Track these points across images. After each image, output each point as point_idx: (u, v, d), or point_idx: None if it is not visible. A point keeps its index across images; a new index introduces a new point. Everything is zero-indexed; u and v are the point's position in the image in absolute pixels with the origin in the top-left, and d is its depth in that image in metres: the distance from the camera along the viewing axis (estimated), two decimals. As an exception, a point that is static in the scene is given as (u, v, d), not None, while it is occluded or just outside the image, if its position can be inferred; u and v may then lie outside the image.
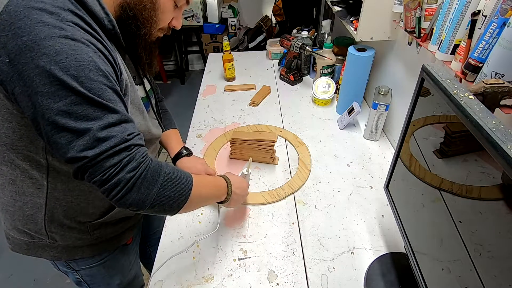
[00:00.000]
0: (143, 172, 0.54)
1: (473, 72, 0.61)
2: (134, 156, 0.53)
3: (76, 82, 0.48)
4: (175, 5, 0.68)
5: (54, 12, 0.49)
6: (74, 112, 0.49)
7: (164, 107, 0.99)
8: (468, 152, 0.46)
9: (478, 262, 0.44)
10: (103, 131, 0.51)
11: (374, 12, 0.97)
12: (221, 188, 0.73)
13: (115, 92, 0.54)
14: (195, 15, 2.91)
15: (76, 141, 0.50)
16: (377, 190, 0.96)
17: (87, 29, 0.53)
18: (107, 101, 0.52)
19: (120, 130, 0.53)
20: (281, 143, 1.15)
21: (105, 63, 0.54)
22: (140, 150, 0.55)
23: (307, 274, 0.75)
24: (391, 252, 0.79)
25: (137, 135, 0.56)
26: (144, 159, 0.55)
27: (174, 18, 0.71)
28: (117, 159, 0.51)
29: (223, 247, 0.81)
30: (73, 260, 0.79)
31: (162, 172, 0.57)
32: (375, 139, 1.15)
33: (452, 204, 0.51)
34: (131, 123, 0.56)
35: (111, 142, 0.51)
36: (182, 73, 3.39)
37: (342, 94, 1.26)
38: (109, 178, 0.51)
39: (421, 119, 0.61)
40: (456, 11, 0.66)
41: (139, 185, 0.53)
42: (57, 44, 0.47)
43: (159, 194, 0.56)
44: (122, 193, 0.52)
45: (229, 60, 1.48)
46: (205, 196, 0.68)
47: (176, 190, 0.59)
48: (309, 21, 2.34)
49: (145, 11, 0.62)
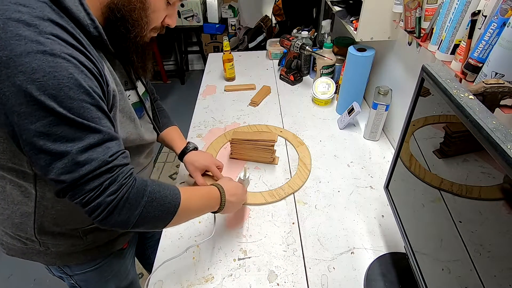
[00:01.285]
0: (125, 194, 0.52)
1: (473, 72, 0.61)
2: (116, 178, 0.52)
3: (55, 102, 0.46)
4: (167, 2, 0.64)
5: (32, 23, 0.46)
6: (53, 133, 0.47)
7: (160, 105, 0.98)
8: (468, 152, 0.46)
9: (478, 262, 0.44)
10: (83, 154, 0.49)
11: (374, 12, 0.97)
12: (213, 199, 0.72)
13: (98, 108, 0.52)
14: (195, 15, 2.91)
15: (55, 164, 0.48)
16: (377, 190, 0.96)
17: (68, 41, 0.49)
18: (88, 121, 0.50)
19: (102, 151, 0.51)
20: (281, 143, 1.15)
21: (88, 78, 0.51)
22: (124, 170, 0.54)
23: (307, 274, 0.75)
24: (391, 252, 0.79)
25: (121, 154, 0.54)
26: (127, 180, 0.53)
27: (167, 16, 0.67)
28: (97, 182, 0.50)
29: (223, 247, 0.81)
30: (67, 266, 0.78)
31: (146, 192, 0.56)
32: (375, 139, 1.15)
33: (452, 204, 0.51)
34: (115, 141, 0.54)
35: (91, 165, 0.49)
36: (182, 73, 3.39)
37: (342, 94, 1.26)
38: (89, 201, 0.50)
39: (421, 119, 0.61)
40: (456, 11, 0.66)
41: (121, 207, 0.52)
42: (34, 61, 0.45)
43: (142, 215, 0.55)
44: (103, 216, 0.51)
45: (229, 60, 1.48)
46: (196, 210, 0.67)
47: (161, 210, 0.57)
48: (309, 21, 2.34)
49: (135, 12, 0.58)
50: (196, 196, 0.68)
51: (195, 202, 0.66)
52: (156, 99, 0.96)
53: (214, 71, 1.65)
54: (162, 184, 0.61)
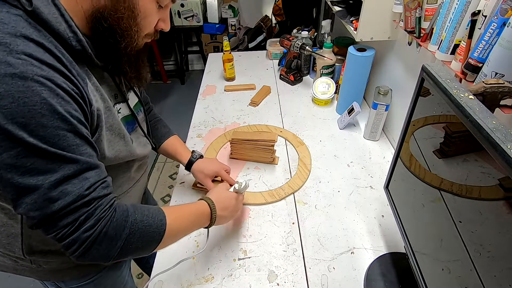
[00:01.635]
0: (103, 229, 0.49)
1: (473, 72, 0.61)
2: (93, 212, 0.48)
3: (24, 131, 0.42)
4: (158, 6, 0.59)
5: (1, 42, 0.41)
6: (21, 165, 0.43)
7: (156, 115, 0.94)
8: (468, 152, 0.46)
9: (478, 262, 0.44)
10: (56, 189, 0.45)
11: (374, 12, 0.97)
12: (202, 217, 0.68)
13: (76, 134, 0.48)
14: (195, 15, 2.91)
15: (23, 199, 0.44)
16: (377, 190, 0.96)
17: (44, 60, 0.44)
18: (63, 150, 0.45)
19: (78, 184, 0.47)
20: (281, 143, 1.15)
21: (65, 101, 0.46)
22: (103, 202, 0.50)
23: (307, 274, 0.75)
24: (391, 252, 0.79)
25: (101, 184, 0.50)
26: (106, 213, 0.50)
27: (160, 20, 0.62)
28: (72, 217, 0.46)
29: (223, 247, 0.81)
30: (61, 281, 0.77)
31: (128, 224, 0.52)
32: (375, 139, 1.15)
33: (452, 204, 0.51)
34: (95, 170, 0.50)
35: (64, 201, 0.45)
36: (182, 73, 3.39)
37: (342, 94, 1.26)
38: (63, 237, 0.47)
39: (421, 119, 0.61)
40: (456, 11, 0.66)
41: (99, 242, 0.49)
42: (1, 86, 0.40)
43: (124, 247, 0.52)
44: (80, 252, 0.48)
45: (229, 60, 1.48)
46: (183, 231, 0.64)
47: (144, 240, 0.55)
48: (309, 21, 2.34)
49: (123, 21, 0.53)
50: (184, 217, 0.64)
51: (183, 223, 0.63)
52: (151, 109, 0.93)
53: (214, 71, 1.65)
54: (146, 210, 0.57)
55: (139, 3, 0.54)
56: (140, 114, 0.76)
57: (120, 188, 0.72)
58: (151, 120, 0.92)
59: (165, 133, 0.92)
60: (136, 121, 0.73)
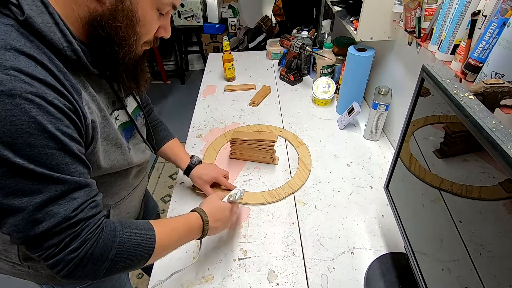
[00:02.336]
0: (89, 251, 0.48)
1: (473, 72, 0.61)
2: (79, 233, 0.47)
3: (10, 150, 0.41)
4: (159, 13, 0.57)
5: None
6: (5, 186, 0.42)
7: (156, 117, 0.94)
8: (468, 152, 0.46)
9: (478, 262, 0.44)
10: (41, 211, 0.44)
11: (374, 12, 0.97)
12: (193, 230, 0.67)
13: (67, 153, 0.46)
14: (195, 15, 2.91)
15: (7, 219, 0.43)
16: (377, 190, 0.96)
17: (35, 75, 0.42)
18: (51, 170, 0.44)
19: (65, 205, 0.46)
20: (281, 143, 1.15)
21: (56, 118, 0.44)
22: (90, 223, 0.49)
23: (307, 274, 0.75)
24: (391, 252, 0.79)
25: (90, 204, 0.49)
26: (92, 234, 0.49)
27: (161, 27, 0.60)
28: (57, 239, 0.45)
29: (223, 247, 0.81)
30: (59, 285, 0.76)
31: (115, 244, 0.51)
32: (375, 139, 1.15)
33: (452, 204, 0.51)
34: (84, 189, 0.49)
35: (49, 223, 0.44)
36: (182, 73, 3.39)
37: (342, 94, 1.26)
38: (48, 257, 0.46)
39: (421, 119, 0.61)
40: (456, 11, 0.66)
41: (84, 263, 0.48)
42: None
43: (110, 268, 0.51)
44: (65, 272, 0.47)
45: (229, 60, 1.48)
46: (174, 245, 0.63)
47: (132, 259, 0.53)
48: (309, 21, 2.34)
49: (121, 30, 0.51)
50: (175, 231, 0.63)
51: (173, 238, 0.62)
52: (151, 111, 0.92)
53: (214, 71, 1.65)
54: (135, 228, 0.55)
55: (139, 11, 0.52)
56: (138, 119, 0.75)
57: (118, 195, 0.71)
58: (151, 122, 0.91)
59: (165, 136, 0.92)
60: (135, 127, 0.71)
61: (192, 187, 0.98)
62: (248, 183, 1.00)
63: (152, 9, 0.55)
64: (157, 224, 0.59)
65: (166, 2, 0.56)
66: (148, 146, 0.79)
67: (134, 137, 0.73)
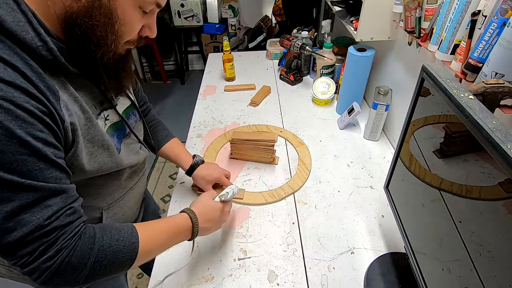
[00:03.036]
0: (65, 259, 0.46)
1: (473, 72, 0.61)
2: (54, 241, 0.45)
3: None
4: (142, 11, 0.54)
5: None
6: None
7: (154, 117, 0.92)
8: (468, 152, 0.46)
9: (478, 262, 0.44)
10: (12, 220, 0.42)
11: (374, 12, 0.97)
12: (182, 232, 0.65)
13: (40, 158, 0.44)
14: (195, 15, 2.91)
15: None
16: (377, 190, 0.96)
17: (2, 78, 0.41)
18: (22, 176, 0.42)
19: (38, 213, 0.44)
20: (281, 143, 1.15)
21: (27, 123, 0.42)
22: (67, 230, 0.47)
23: (307, 274, 0.75)
24: (391, 252, 0.79)
25: (66, 212, 0.47)
26: (69, 242, 0.47)
27: (145, 26, 0.57)
28: (30, 248, 0.44)
29: (223, 247, 0.81)
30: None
31: (93, 252, 0.49)
32: (375, 139, 1.15)
33: (452, 204, 0.51)
34: (60, 196, 0.47)
35: (21, 231, 0.43)
36: (182, 73, 3.39)
37: (342, 94, 1.26)
38: (23, 265, 0.44)
39: (421, 119, 0.61)
40: (456, 11, 0.66)
41: (61, 272, 0.47)
42: None
43: (90, 275, 0.49)
44: (42, 280, 0.46)
45: (229, 60, 1.48)
46: (161, 249, 0.62)
47: (113, 266, 0.52)
48: (309, 21, 2.34)
49: (98, 29, 0.48)
50: (161, 234, 0.61)
51: (159, 242, 0.60)
52: (149, 110, 0.90)
53: (214, 71, 1.65)
54: (117, 233, 0.53)
55: (118, 8, 0.50)
56: (132, 118, 0.72)
57: (111, 197, 0.69)
58: (150, 122, 0.90)
59: (165, 136, 0.91)
60: (127, 126, 0.69)
61: (192, 187, 0.98)
62: (248, 183, 1.00)
63: (133, 7, 0.52)
64: (142, 228, 0.57)
65: (149, 1, 0.53)
66: (145, 146, 0.76)
67: (128, 137, 0.70)
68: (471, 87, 0.53)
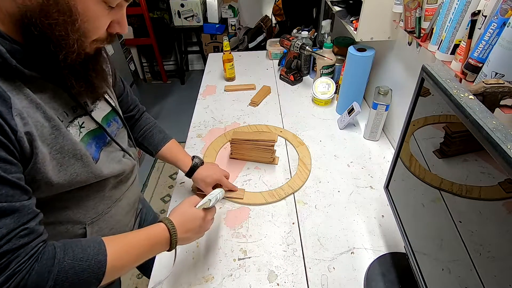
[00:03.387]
0: (20, 284, 0.42)
1: (473, 72, 0.61)
2: (7, 265, 0.42)
3: None
4: (108, 6, 0.50)
5: None
6: None
7: (149, 119, 0.89)
8: (468, 152, 0.46)
9: (478, 262, 0.44)
10: None
11: (374, 12, 0.97)
12: (159, 243, 0.61)
13: None
14: (195, 15, 2.91)
15: None
16: (377, 190, 0.96)
17: None
18: None
19: None
20: (281, 143, 1.15)
21: None
22: (20, 253, 0.43)
23: (307, 274, 0.75)
24: (391, 252, 0.79)
25: (19, 233, 0.43)
26: (23, 266, 0.43)
27: (114, 22, 0.53)
28: None
29: (223, 247, 0.81)
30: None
31: (52, 275, 0.45)
32: (375, 139, 1.15)
33: (452, 204, 0.51)
34: (11, 215, 0.42)
35: None
36: (182, 73, 3.39)
37: (342, 94, 1.26)
38: None
39: (421, 119, 0.61)
40: (456, 11, 0.66)
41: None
42: None
43: None
44: None
45: (229, 60, 1.48)
46: (134, 263, 0.57)
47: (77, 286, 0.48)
48: (309, 21, 2.34)
49: (57, 28, 0.45)
50: (134, 248, 0.57)
51: (131, 257, 0.56)
52: (142, 112, 0.86)
53: (214, 71, 1.65)
54: (81, 252, 0.49)
55: (78, 5, 0.46)
56: (114, 125, 0.68)
57: (94, 210, 0.64)
58: (145, 125, 0.88)
59: (162, 139, 0.89)
60: (107, 134, 0.65)
61: (193, 187, 0.98)
62: (248, 183, 1.00)
63: (96, 2, 0.48)
64: (112, 243, 0.53)
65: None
66: (128, 155, 0.72)
67: (109, 145, 0.66)
68: (471, 87, 0.53)
